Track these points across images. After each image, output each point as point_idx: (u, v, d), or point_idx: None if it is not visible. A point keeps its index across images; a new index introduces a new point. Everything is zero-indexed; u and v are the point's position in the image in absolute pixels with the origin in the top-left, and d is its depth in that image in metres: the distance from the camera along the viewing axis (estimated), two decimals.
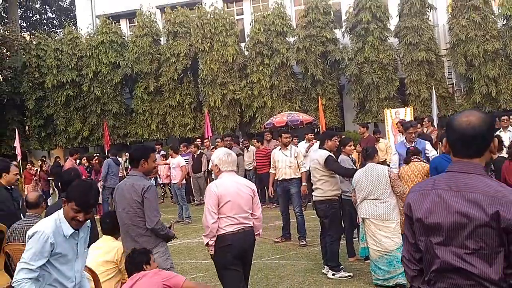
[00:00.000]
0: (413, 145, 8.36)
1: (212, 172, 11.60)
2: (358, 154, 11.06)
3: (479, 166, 2.20)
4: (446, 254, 2.16)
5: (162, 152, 15.71)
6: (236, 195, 4.82)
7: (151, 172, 4.97)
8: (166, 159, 15.17)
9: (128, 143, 21.90)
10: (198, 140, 16.42)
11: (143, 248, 4.52)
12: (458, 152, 2.26)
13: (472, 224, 2.08)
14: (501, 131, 10.76)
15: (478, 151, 2.21)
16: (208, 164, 14.69)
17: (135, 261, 4.35)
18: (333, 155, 7.18)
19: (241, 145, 14.35)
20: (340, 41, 19.72)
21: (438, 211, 2.19)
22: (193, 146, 14.97)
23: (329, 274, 6.94)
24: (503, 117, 11.02)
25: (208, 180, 14.49)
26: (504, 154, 8.05)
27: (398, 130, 11.45)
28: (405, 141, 8.81)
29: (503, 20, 17.74)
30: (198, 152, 14.82)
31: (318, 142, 11.97)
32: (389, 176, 6.40)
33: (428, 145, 8.50)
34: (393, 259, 6.24)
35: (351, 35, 19.20)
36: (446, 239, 2.16)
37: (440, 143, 7.16)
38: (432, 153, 8.30)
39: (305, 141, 12.73)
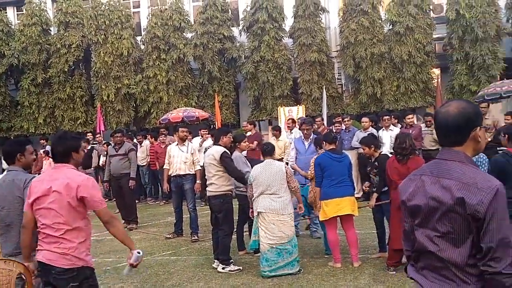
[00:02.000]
0: (309, 141, 8.77)
1: (104, 167, 11.30)
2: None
3: (461, 153, 2.25)
4: (421, 236, 2.28)
5: (48, 147, 14.92)
6: None
7: (30, 166, 4.73)
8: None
9: (12, 138, 20.55)
10: (89, 134, 15.81)
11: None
12: (440, 141, 2.36)
13: (442, 208, 2.17)
14: (383, 130, 11.47)
15: (455, 141, 2.27)
16: (99, 159, 14.25)
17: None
18: (228, 152, 7.29)
19: (135, 141, 14.06)
20: (237, 39, 19.92)
21: (419, 194, 2.29)
22: (83, 141, 14.41)
23: (219, 268, 7.01)
24: (385, 117, 11.63)
25: (99, 176, 14.04)
26: (385, 151, 8.62)
27: (288, 127, 11.85)
28: (302, 137, 9.20)
29: (389, 25, 18.81)
30: (89, 147, 14.30)
31: (210, 137, 12.13)
32: (286, 172, 6.68)
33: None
34: (282, 250, 6.48)
35: (248, 34, 19.45)
36: (422, 222, 2.27)
37: (323, 142, 7.45)
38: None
39: (199, 136, 12.74)
